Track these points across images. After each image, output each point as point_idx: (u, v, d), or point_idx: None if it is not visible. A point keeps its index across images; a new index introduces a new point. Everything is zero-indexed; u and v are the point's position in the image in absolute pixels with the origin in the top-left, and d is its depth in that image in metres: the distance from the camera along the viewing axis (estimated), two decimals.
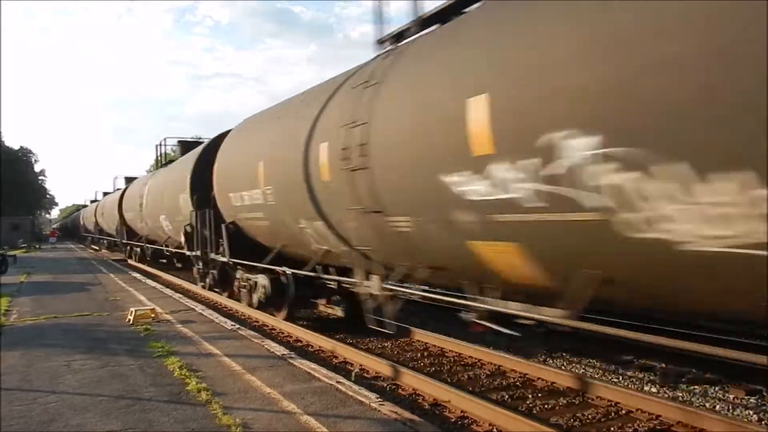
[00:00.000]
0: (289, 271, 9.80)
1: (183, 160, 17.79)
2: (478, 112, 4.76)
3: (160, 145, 25.02)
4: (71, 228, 73.98)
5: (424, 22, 6.78)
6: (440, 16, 6.51)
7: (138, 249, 26.42)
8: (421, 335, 8.94)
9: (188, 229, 14.56)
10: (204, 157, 14.07)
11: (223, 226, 12.00)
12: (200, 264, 14.69)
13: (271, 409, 5.15)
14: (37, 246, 44.99)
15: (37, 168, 79.67)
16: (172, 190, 16.58)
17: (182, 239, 14.97)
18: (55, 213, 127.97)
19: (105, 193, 46.15)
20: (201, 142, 18.11)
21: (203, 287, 14.87)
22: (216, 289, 13.95)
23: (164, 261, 23.40)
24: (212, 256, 13.17)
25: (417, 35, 6.81)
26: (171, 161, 22.11)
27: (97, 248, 43.55)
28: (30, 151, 77.14)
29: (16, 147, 73.24)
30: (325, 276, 9.03)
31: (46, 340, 8.52)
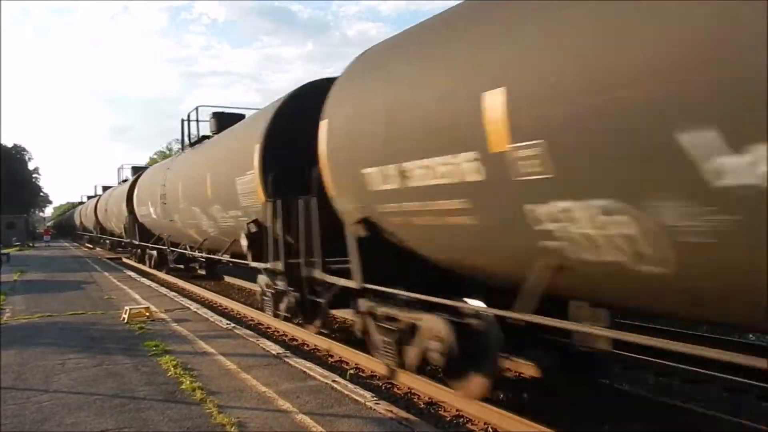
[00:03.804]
0: (491, 312, 5.26)
1: (241, 127, 12.55)
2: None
3: (188, 119, 17.59)
4: (66, 226, 73.68)
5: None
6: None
7: (154, 252, 21.17)
8: None
9: (253, 228, 10.24)
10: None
11: (350, 229, 6.99)
12: (279, 283, 9.61)
13: (267, 408, 5.14)
14: (31, 244, 44.77)
15: (30, 166, 79.40)
16: (222, 172, 11.73)
17: (244, 243, 10.40)
18: (48, 211, 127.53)
19: (105, 188, 41.95)
20: (243, 116, 14.16)
21: (276, 316, 10.04)
22: (298, 321, 9.43)
23: (181, 267, 19.03)
24: (315, 274, 8.25)
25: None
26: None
27: (91, 246, 43.34)
28: (24, 149, 76.88)
29: (10, 145, 72.98)
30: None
31: (41, 339, 8.48)
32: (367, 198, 6.34)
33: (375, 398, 5.41)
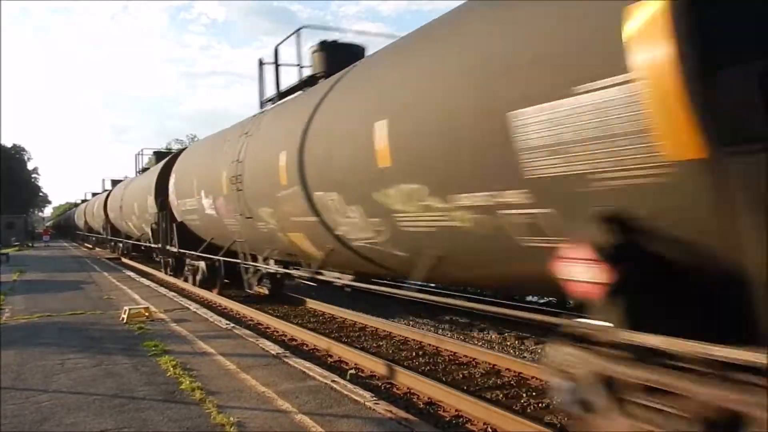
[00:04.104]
0: (221, 258, 12.74)
1: (152, 170, 21.07)
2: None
3: (139, 154, 28.45)
4: (65, 226, 73.67)
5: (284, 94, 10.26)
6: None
7: (120, 244, 30.69)
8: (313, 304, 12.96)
9: (153, 226, 18.52)
10: (164, 170, 17.55)
11: (174, 224, 15.76)
12: (162, 255, 18.65)
13: (266, 408, 5.14)
14: (30, 244, 44.76)
15: (30, 166, 79.43)
16: (143, 194, 19.80)
17: (150, 234, 19.41)
18: (48, 211, 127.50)
19: (94, 194, 48.24)
20: (172, 152, 22.41)
21: (166, 274, 18.81)
22: (171, 274, 17.96)
23: (136, 254, 27.97)
24: (168, 248, 16.88)
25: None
26: (146, 169, 25.20)
27: (90, 246, 43.36)
28: (23, 149, 76.91)
29: (10, 145, 72.98)
30: (241, 261, 11.83)
31: (40, 339, 8.47)
32: (180, 212, 15.79)
33: (374, 398, 5.41)
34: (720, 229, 2.96)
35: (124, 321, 9.71)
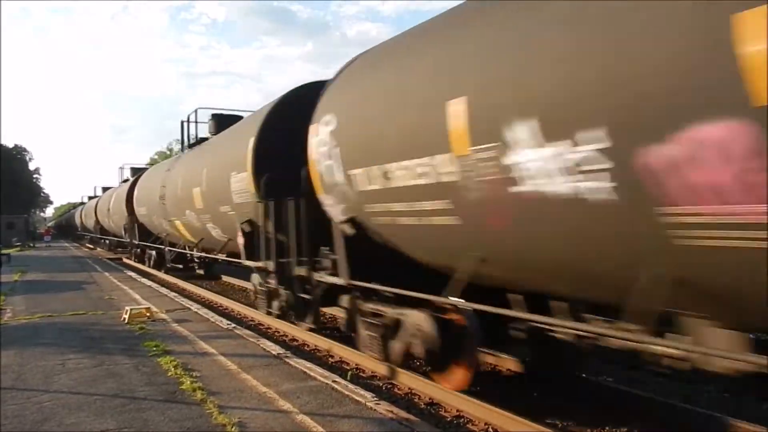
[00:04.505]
0: (468, 306, 5.33)
1: (234, 129, 12.63)
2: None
3: (188, 121, 17.79)
4: (66, 226, 73.70)
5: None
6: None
7: (153, 252, 21.45)
8: None
9: (246, 227, 10.41)
10: (275, 120, 9.90)
11: (336, 227, 7.33)
12: (271, 281, 9.78)
13: (267, 409, 5.13)
14: (32, 244, 44.80)
15: (31, 166, 79.44)
16: (217, 174, 11.88)
17: (240, 242, 10.70)
18: (49, 211, 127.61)
19: (105, 189, 43.20)
20: (241, 117, 14.05)
21: (269, 314, 10.19)
22: (294, 320, 9.38)
23: (180, 267, 19.34)
24: (303, 272, 8.56)
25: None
26: (203, 140, 16.08)
27: (92, 246, 43.37)
28: (25, 149, 76.93)
29: (11, 145, 73.02)
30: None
31: (41, 339, 8.48)
32: (356, 198, 6.57)
33: (375, 398, 5.41)
34: None
35: (125, 321, 9.72)
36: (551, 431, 5.03)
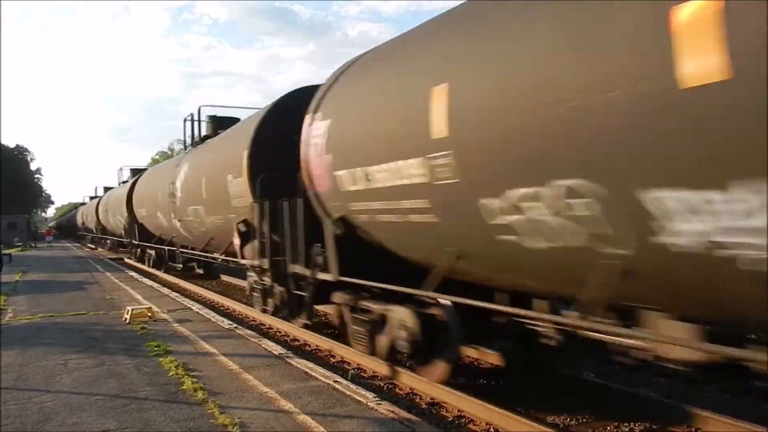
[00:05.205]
0: (448, 298, 5.73)
1: (231, 132, 12.99)
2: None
3: (190, 119, 17.71)
4: (67, 227, 73.77)
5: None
6: None
7: (153, 252, 21.76)
8: None
9: (242, 227, 10.63)
10: (270, 123, 10.25)
11: (327, 224, 7.57)
12: (266, 279, 10.00)
13: (268, 409, 5.13)
14: (33, 245, 44.85)
15: (32, 166, 79.54)
16: (215, 175, 12.16)
17: (236, 243, 10.87)
18: (50, 212, 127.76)
19: (106, 189, 43.10)
20: (238, 119, 14.49)
21: (265, 311, 10.47)
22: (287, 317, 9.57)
23: (180, 267, 18.88)
24: (296, 269, 8.66)
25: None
26: (206, 138, 15.84)
27: (93, 247, 43.40)
28: (26, 150, 77.02)
29: (12, 145, 73.11)
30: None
31: (42, 339, 8.48)
32: (342, 198, 6.98)
33: (377, 398, 5.40)
34: None
35: (127, 321, 9.72)
36: (552, 431, 5.03)
